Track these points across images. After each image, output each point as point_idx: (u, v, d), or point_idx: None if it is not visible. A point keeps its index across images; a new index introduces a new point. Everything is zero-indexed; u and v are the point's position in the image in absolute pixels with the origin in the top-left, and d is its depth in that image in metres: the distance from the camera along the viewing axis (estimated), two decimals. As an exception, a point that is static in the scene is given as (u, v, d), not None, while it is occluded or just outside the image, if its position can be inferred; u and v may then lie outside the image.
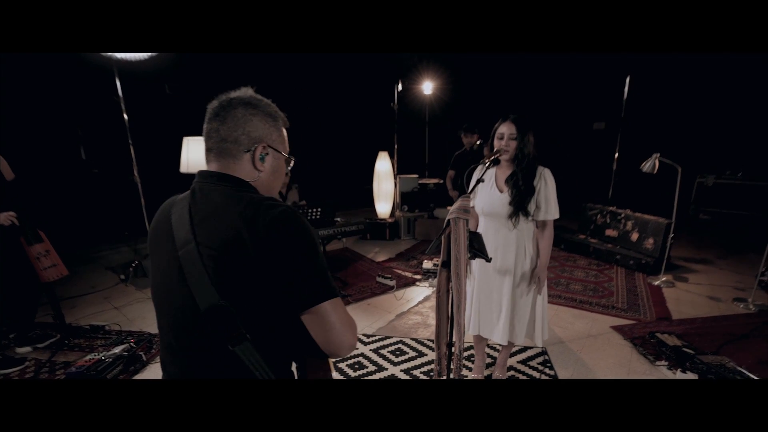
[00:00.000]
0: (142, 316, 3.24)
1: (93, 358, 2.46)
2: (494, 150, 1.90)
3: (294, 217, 0.76)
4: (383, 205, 5.79)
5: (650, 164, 3.79)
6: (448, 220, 1.61)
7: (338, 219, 3.95)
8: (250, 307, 0.74)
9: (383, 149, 5.86)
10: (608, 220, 4.72)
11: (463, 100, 8.33)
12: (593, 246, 4.59)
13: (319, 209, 3.39)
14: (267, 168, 0.87)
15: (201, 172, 0.85)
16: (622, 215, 4.56)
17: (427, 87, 7.45)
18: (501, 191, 1.96)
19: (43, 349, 2.71)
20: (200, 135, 0.89)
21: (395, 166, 5.97)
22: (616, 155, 5.18)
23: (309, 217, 3.36)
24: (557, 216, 1.96)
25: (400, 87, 5.80)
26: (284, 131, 0.92)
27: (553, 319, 3.12)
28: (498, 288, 2.03)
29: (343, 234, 3.67)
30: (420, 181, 5.82)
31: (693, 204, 6.83)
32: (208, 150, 0.85)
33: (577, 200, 5.63)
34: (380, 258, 4.72)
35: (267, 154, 0.86)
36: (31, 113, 5.01)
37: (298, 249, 0.74)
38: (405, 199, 5.71)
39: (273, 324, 0.77)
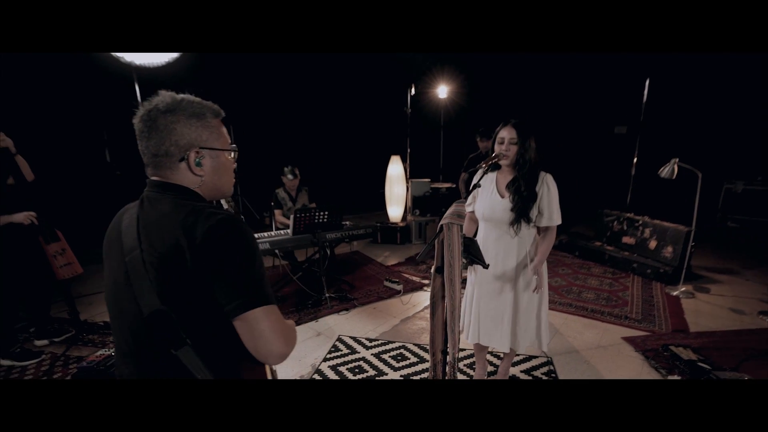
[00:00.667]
0: (154, 314, 3.33)
1: (103, 354, 2.55)
2: (494, 154, 1.87)
3: (231, 225, 0.77)
4: (395, 209, 5.78)
5: (669, 169, 3.65)
6: (441, 225, 1.59)
7: (347, 222, 3.96)
8: (190, 312, 0.76)
9: (397, 153, 5.87)
10: (625, 227, 4.57)
11: (479, 104, 8.25)
12: (609, 253, 4.45)
13: (326, 213, 3.41)
14: (207, 170, 0.86)
15: (149, 181, 0.86)
16: (640, 222, 4.41)
17: (443, 91, 7.43)
18: (502, 196, 1.93)
19: (59, 343, 2.82)
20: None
21: (408, 170, 5.96)
22: (635, 160, 5.02)
23: (316, 221, 3.39)
24: (560, 222, 1.91)
25: (413, 91, 5.80)
26: (219, 124, 0.89)
27: (561, 328, 3.03)
28: (499, 295, 1.99)
29: (351, 237, 3.68)
30: (432, 185, 5.78)
31: (720, 211, 6.54)
32: (146, 165, 0.86)
33: (594, 206, 5.48)
34: (390, 262, 4.71)
35: (202, 157, 0.85)
36: (61, 117, 5.26)
37: (232, 256, 0.75)
38: (417, 203, 5.69)
39: (213, 329, 0.78)
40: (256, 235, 3.54)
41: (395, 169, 5.71)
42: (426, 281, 3.99)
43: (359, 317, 3.25)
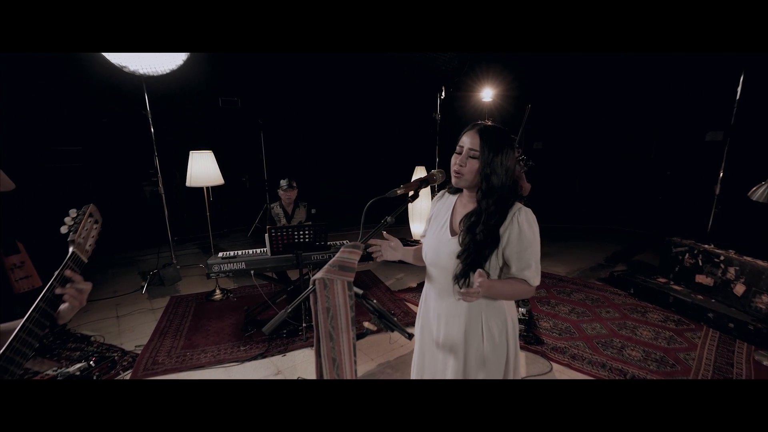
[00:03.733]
0: (132, 329, 3.23)
1: (48, 375, 2.44)
2: (432, 171, 1.34)
3: None
4: (418, 225, 5.24)
5: (764, 191, 2.69)
6: (314, 281, 1.10)
7: (346, 240, 3.55)
8: None
9: (424, 163, 5.34)
10: (701, 263, 3.52)
11: (534, 109, 7.36)
12: (675, 295, 3.45)
13: (308, 232, 3.04)
14: None
15: None
16: (723, 258, 3.35)
17: (487, 94, 6.72)
18: (453, 233, 1.35)
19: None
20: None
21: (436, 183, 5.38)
22: (721, 175, 3.91)
23: (296, 240, 3.03)
24: (537, 282, 1.27)
25: (443, 94, 5.22)
26: None
27: (581, 400, 2.28)
28: (441, 371, 1.42)
29: (339, 259, 3.25)
30: (461, 200, 5.13)
31: None
32: None
33: (663, 231, 4.42)
34: (400, 286, 4.19)
35: None
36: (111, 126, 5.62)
37: None
38: (442, 219, 5.09)
39: None
40: (232, 253, 3.31)
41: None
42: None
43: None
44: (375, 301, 1.18)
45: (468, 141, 1.26)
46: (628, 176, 7.14)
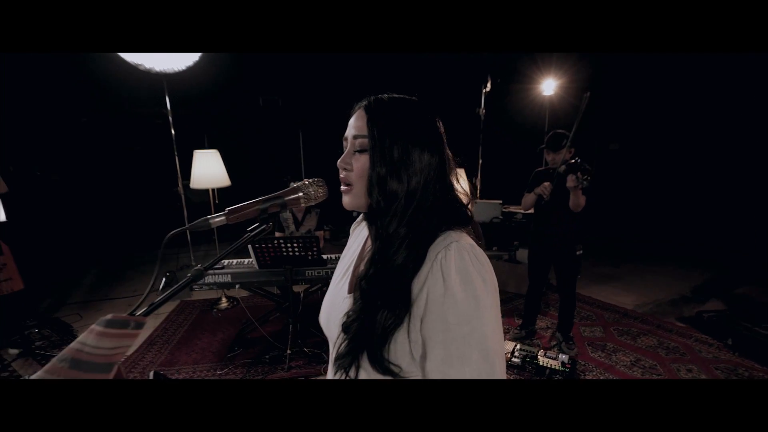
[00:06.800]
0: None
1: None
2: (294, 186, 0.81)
3: None
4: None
5: None
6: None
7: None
8: None
9: (463, 165, 4.69)
10: (843, 314, 2.46)
11: (607, 104, 6.25)
12: (797, 358, 2.44)
13: (296, 244, 2.63)
14: None
15: None
16: None
17: (549, 86, 5.83)
18: (351, 289, 0.78)
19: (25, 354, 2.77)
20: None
21: (478, 188, 4.71)
22: None
23: (284, 253, 2.64)
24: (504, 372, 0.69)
25: (489, 86, 4.52)
26: None
27: None
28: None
29: (336, 277, 2.81)
30: (506, 209, 4.40)
31: None
32: None
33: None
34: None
35: None
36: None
37: None
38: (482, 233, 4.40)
39: None
40: (228, 262, 3.02)
41: (458, 186, 4.53)
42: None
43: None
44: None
45: (353, 126, 0.72)
46: (729, 184, 5.72)
